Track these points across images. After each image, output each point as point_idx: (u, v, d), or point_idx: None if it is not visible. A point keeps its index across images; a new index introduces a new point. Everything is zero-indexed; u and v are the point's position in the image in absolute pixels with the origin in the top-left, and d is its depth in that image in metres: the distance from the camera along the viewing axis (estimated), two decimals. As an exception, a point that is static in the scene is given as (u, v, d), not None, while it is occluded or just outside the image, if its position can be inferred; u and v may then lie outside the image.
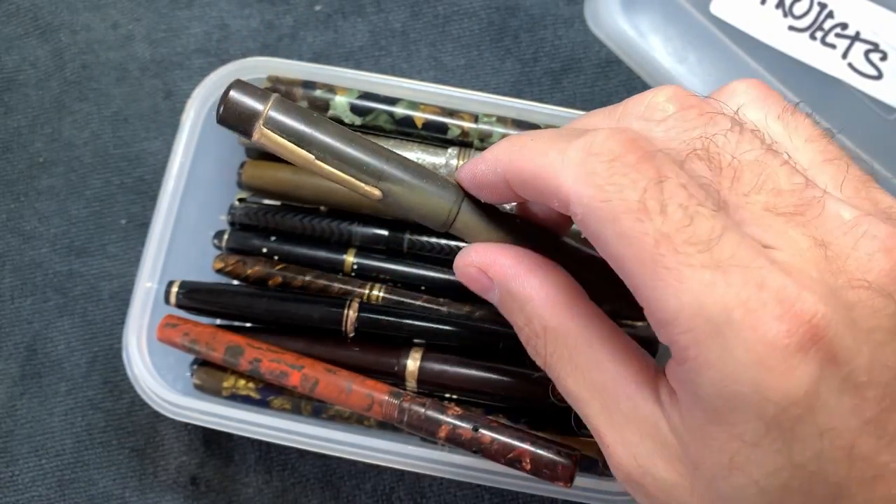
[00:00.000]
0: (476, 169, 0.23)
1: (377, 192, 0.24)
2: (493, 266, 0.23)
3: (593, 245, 0.20)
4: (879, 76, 0.34)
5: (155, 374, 0.34)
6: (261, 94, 0.23)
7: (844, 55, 0.35)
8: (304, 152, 0.23)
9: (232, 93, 0.22)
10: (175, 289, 0.35)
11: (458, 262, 0.24)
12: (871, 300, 0.18)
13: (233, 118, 0.23)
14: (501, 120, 0.35)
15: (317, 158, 0.23)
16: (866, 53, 0.35)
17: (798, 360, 0.17)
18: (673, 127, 0.21)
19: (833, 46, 0.35)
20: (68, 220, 0.43)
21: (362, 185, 0.23)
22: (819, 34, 0.35)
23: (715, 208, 0.18)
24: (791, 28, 0.35)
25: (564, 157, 0.20)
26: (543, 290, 0.22)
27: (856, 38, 0.35)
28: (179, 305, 0.35)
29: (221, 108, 0.23)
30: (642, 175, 0.19)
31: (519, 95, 0.44)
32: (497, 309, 0.24)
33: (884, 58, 0.34)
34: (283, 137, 0.23)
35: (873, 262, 0.18)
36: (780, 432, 0.17)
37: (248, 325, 0.37)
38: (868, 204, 0.20)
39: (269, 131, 0.22)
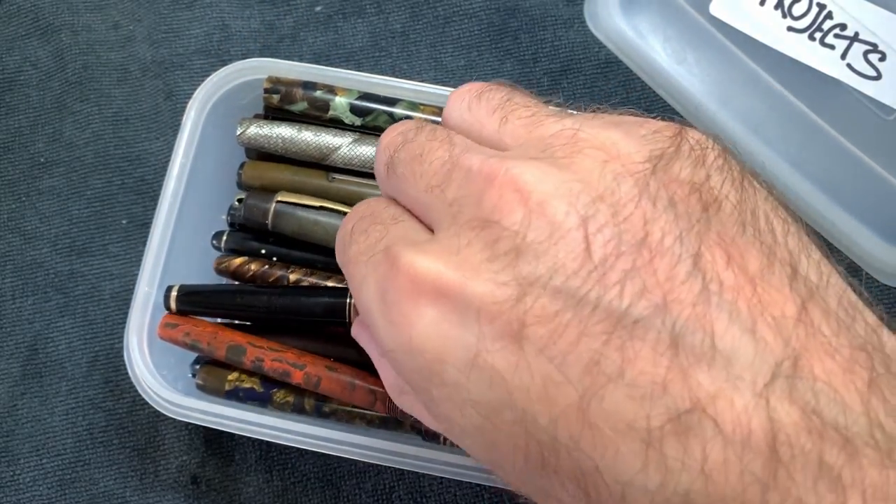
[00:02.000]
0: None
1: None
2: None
3: None
4: (878, 77, 0.34)
5: (156, 374, 0.34)
6: None
7: (843, 56, 0.35)
8: None
9: None
10: (174, 293, 0.35)
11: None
12: None
13: None
14: (501, 120, 0.35)
15: None
16: (865, 54, 0.35)
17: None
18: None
19: (832, 47, 0.35)
20: (69, 220, 0.43)
21: None
22: (818, 35, 0.35)
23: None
24: (790, 29, 0.35)
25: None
26: None
27: (855, 38, 0.35)
28: (180, 311, 0.35)
29: None
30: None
31: (519, 96, 0.44)
32: None
33: (882, 58, 0.34)
34: None
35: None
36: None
37: (249, 323, 0.37)
38: None
39: None
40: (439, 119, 0.35)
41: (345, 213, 0.34)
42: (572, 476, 0.16)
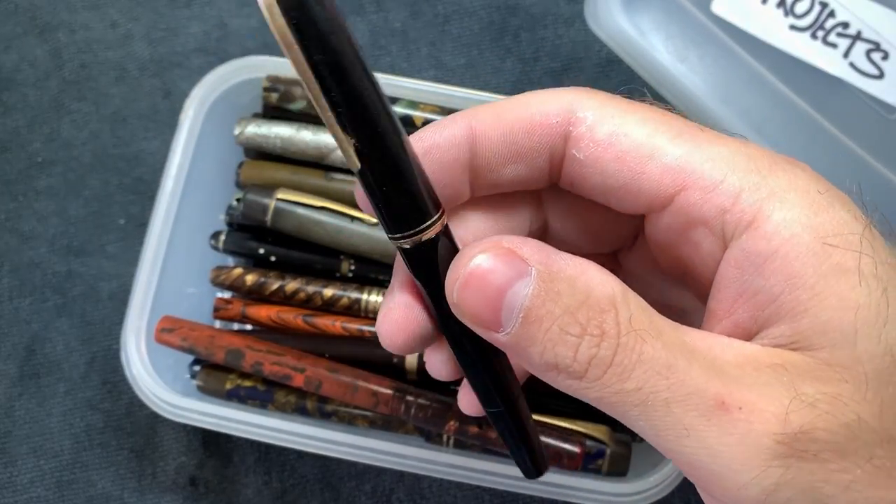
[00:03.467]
0: (422, 133, 0.19)
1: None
2: (524, 244, 0.17)
3: (602, 159, 0.18)
4: (881, 75, 0.34)
5: (154, 375, 0.34)
6: None
7: (846, 54, 0.35)
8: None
9: None
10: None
11: (472, 251, 0.17)
12: None
13: None
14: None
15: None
16: (868, 53, 0.34)
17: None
18: None
19: (834, 46, 0.35)
20: (67, 220, 0.43)
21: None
22: (820, 33, 0.35)
23: None
24: (792, 27, 0.35)
25: (556, 89, 0.19)
26: (592, 263, 0.18)
27: (857, 37, 0.35)
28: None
29: None
30: None
31: (519, 95, 0.44)
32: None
33: (885, 57, 0.34)
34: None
35: None
36: None
37: (249, 327, 0.37)
38: None
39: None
40: (439, 117, 0.35)
41: (347, 214, 0.34)
42: None
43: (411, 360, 0.33)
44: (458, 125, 0.19)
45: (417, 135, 0.19)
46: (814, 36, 0.35)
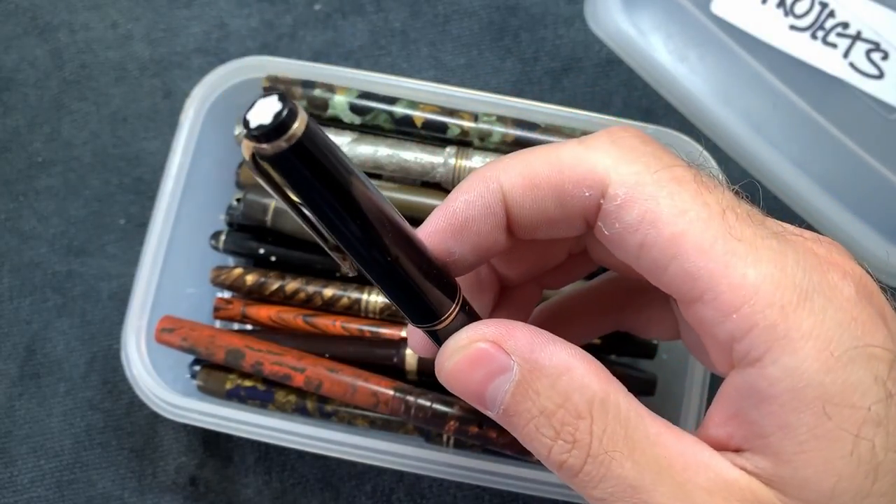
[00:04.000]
0: (455, 206, 0.19)
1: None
2: (510, 337, 0.18)
3: (626, 242, 0.18)
4: (881, 75, 0.34)
5: (154, 375, 0.34)
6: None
7: (846, 54, 0.35)
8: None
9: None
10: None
11: (458, 341, 0.18)
12: None
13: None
14: (501, 119, 0.35)
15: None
16: (867, 53, 0.34)
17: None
18: None
19: (834, 46, 0.35)
20: (67, 220, 0.43)
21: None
22: (820, 33, 0.35)
23: None
24: (792, 27, 0.35)
25: (589, 145, 0.18)
26: (580, 358, 0.18)
27: (857, 37, 0.35)
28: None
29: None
30: (680, 158, 0.18)
31: (519, 95, 0.44)
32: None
33: (885, 57, 0.34)
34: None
35: None
36: None
37: (249, 327, 0.37)
38: None
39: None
40: (441, 118, 0.35)
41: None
42: None
43: (411, 361, 0.33)
44: (491, 193, 0.19)
45: (450, 207, 0.19)
46: (814, 36, 0.35)
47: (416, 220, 0.35)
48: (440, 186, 0.35)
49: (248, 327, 0.37)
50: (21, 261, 0.43)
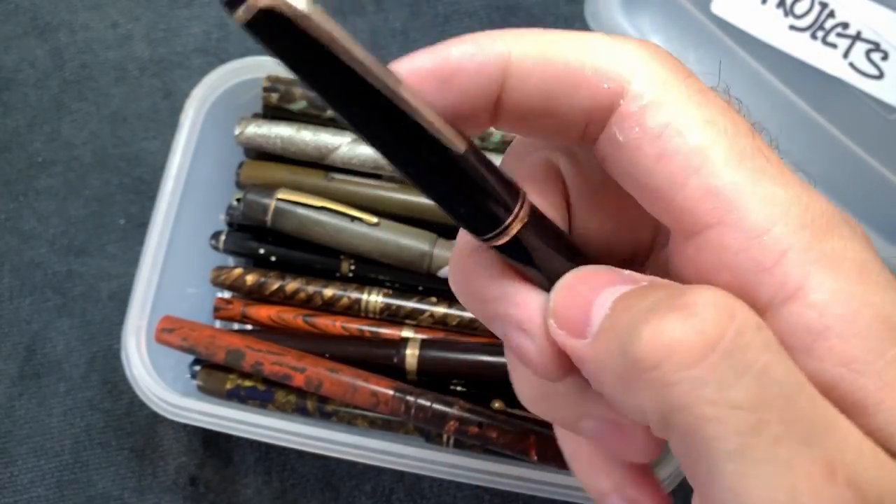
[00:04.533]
0: (449, 51, 0.15)
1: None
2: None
3: (642, 153, 0.15)
4: (881, 76, 0.34)
5: (154, 375, 0.34)
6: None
7: (846, 55, 0.35)
8: None
9: None
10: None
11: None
12: None
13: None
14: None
15: None
16: (867, 53, 0.35)
17: None
18: None
19: (834, 46, 0.35)
20: (67, 220, 0.43)
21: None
22: (820, 34, 0.35)
23: None
24: (792, 27, 0.35)
25: (620, 38, 0.16)
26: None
27: (857, 37, 0.35)
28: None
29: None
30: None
31: (519, 95, 0.44)
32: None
33: (885, 57, 0.34)
34: None
35: None
36: None
37: (249, 327, 0.37)
38: None
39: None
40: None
41: (347, 214, 0.34)
42: None
43: (411, 361, 0.33)
44: (494, 52, 0.15)
45: (442, 51, 0.15)
46: (813, 36, 0.35)
47: (417, 221, 0.35)
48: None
49: (248, 327, 0.37)
50: (21, 261, 0.43)
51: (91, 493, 0.39)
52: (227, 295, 0.37)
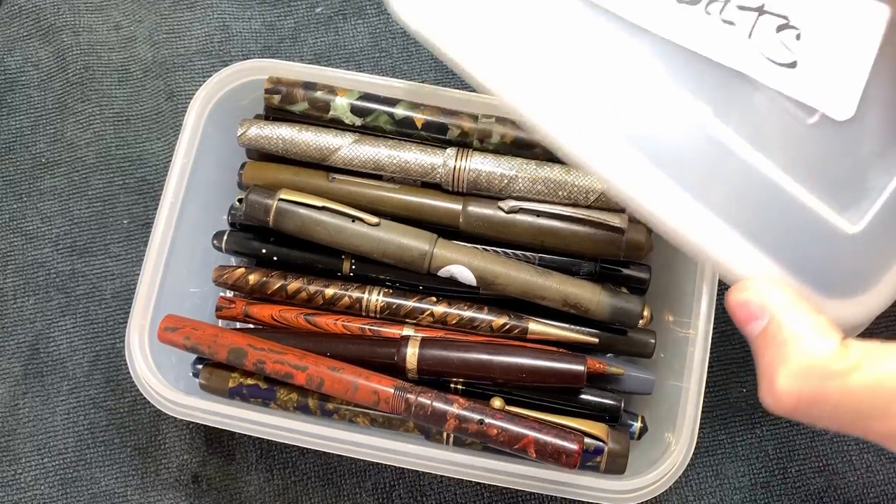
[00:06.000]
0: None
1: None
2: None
3: None
4: (794, 64, 0.26)
5: (157, 373, 0.34)
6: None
7: (750, 34, 0.26)
8: None
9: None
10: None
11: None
12: None
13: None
14: (501, 120, 0.35)
15: None
16: (778, 30, 0.26)
17: None
18: None
19: (732, 23, 0.26)
20: (71, 221, 0.44)
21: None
22: (716, 6, 0.26)
23: None
24: (681, 1, 0.26)
25: None
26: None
27: (761, 10, 0.26)
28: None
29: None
30: None
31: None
32: None
33: (798, 36, 0.26)
34: None
35: None
36: None
37: (251, 326, 0.37)
38: None
39: None
40: (441, 120, 0.35)
41: (348, 215, 0.35)
42: None
43: (411, 359, 0.33)
44: None
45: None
46: (707, 11, 0.26)
47: (417, 221, 0.35)
48: (440, 187, 0.36)
49: (251, 326, 0.37)
50: (25, 260, 0.43)
51: (94, 490, 0.40)
52: (229, 294, 0.38)
